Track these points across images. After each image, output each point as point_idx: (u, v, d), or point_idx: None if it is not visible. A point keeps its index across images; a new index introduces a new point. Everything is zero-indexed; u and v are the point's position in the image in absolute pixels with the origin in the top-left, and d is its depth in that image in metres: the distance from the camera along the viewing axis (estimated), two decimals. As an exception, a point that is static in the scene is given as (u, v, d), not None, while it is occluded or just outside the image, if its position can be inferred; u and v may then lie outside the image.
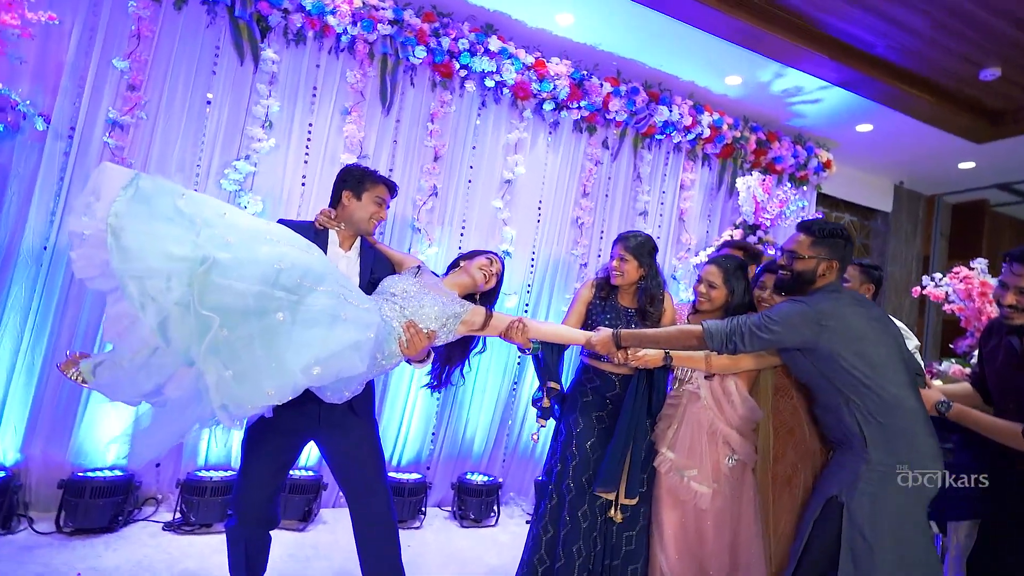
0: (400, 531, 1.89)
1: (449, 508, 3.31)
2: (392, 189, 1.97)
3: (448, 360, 1.97)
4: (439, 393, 3.35)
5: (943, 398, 1.81)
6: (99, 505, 2.49)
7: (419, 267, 1.92)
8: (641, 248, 2.23)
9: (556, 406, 2.24)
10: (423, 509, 3.11)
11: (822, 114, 3.96)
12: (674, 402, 2.12)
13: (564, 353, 2.25)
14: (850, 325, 1.71)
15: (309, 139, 3.11)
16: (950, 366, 2.43)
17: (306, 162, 3.10)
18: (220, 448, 2.92)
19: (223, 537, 1.90)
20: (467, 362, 1.99)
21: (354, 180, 1.90)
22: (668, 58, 3.50)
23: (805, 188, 4.31)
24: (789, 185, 3.89)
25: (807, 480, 2.04)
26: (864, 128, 4.10)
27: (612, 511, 2.07)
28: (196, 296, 1.33)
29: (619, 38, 3.36)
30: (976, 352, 2.48)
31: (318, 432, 1.82)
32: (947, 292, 2.67)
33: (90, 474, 2.58)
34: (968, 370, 2.36)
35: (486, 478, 3.31)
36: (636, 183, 3.85)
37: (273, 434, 1.76)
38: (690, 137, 3.86)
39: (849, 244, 1.83)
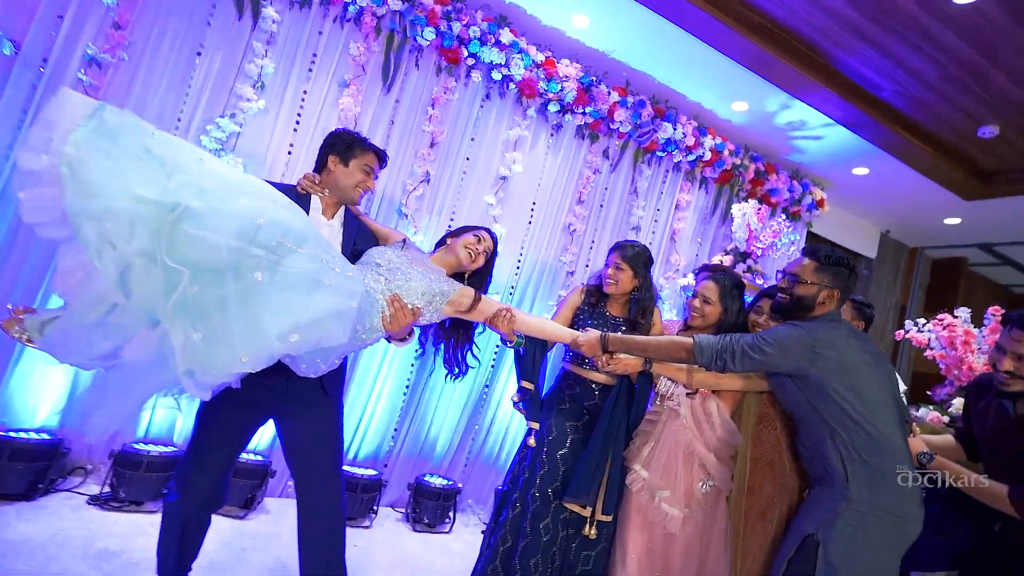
0: (348, 528, 1.75)
1: (403, 509, 3.15)
2: (382, 159, 1.87)
3: (455, 343, 1.87)
4: (405, 391, 3.21)
5: (926, 449, 1.77)
6: (18, 469, 2.26)
7: (404, 241, 1.82)
8: (638, 258, 2.17)
9: (528, 407, 2.13)
10: (375, 508, 2.95)
11: (821, 152, 3.97)
12: (653, 418, 2.03)
13: (548, 354, 2.15)
14: (845, 356, 1.66)
15: (302, 107, 2.96)
16: (928, 413, 2.40)
17: (295, 130, 2.95)
18: (167, 419, 2.72)
19: (153, 517, 1.74)
20: (475, 343, 1.89)
21: (342, 145, 1.80)
22: (678, 75, 3.46)
23: (796, 224, 4.31)
24: (783, 217, 3.88)
25: (782, 516, 1.96)
26: (860, 171, 4.13)
27: (587, 528, 1.96)
28: (164, 247, 1.20)
29: (632, 48, 3.30)
30: (953, 400, 2.48)
31: (282, 409, 1.69)
32: (930, 338, 2.66)
33: (12, 435, 2.35)
34: (946, 418, 2.34)
35: (445, 482, 3.16)
36: (632, 197, 3.79)
37: (233, 407, 1.61)
38: (691, 158, 3.82)
39: (853, 276, 1.79)
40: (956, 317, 2.60)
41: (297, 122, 2.95)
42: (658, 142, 3.70)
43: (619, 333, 2.11)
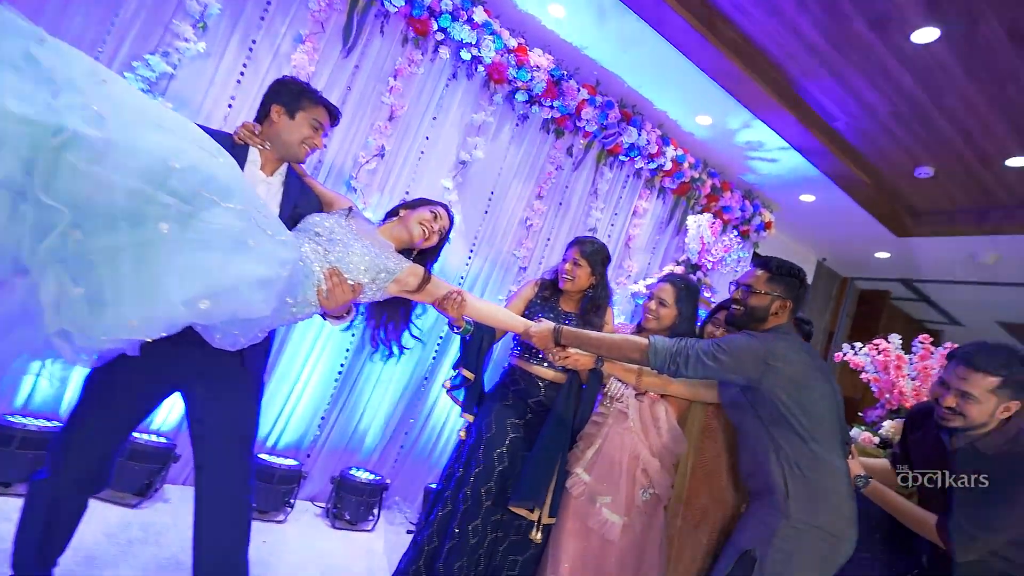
0: (257, 522, 1.56)
1: (323, 504, 2.92)
2: (334, 116, 1.70)
3: (390, 321, 1.71)
4: (338, 376, 2.99)
5: (863, 472, 1.78)
6: None
7: (351, 209, 1.65)
8: (596, 255, 2.12)
9: (465, 398, 2.01)
10: (292, 501, 2.71)
11: (773, 175, 4.09)
12: (599, 420, 1.96)
13: (494, 346, 2.03)
14: (795, 371, 1.64)
15: (249, 57, 2.69)
16: (860, 433, 2.48)
17: (239, 82, 2.67)
18: (51, 389, 2.37)
19: (20, 502, 1.47)
20: (412, 324, 1.74)
21: (289, 94, 1.62)
22: (648, 81, 3.44)
23: (745, 242, 4.42)
24: (735, 233, 3.96)
25: (715, 529, 1.95)
26: (807, 198, 4.29)
27: (534, 532, 1.85)
28: (40, 179, 0.98)
29: (605, 47, 3.25)
30: (883, 422, 2.57)
31: (192, 383, 1.49)
32: (865, 362, 2.76)
33: None
34: (876, 439, 2.41)
35: (372, 476, 2.97)
36: (592, 198, 3.74)
37: (131, 375, 1.39)
38: (652, 166, 3.82)
39: (803, 287, 1.79)
40: (889, 343, 2.71)
41: (242, 73, 2.68)
42: (622, 146, 3.67)
43: (572, 329, 2.03)
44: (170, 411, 2.59)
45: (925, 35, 2.61)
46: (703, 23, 2.87)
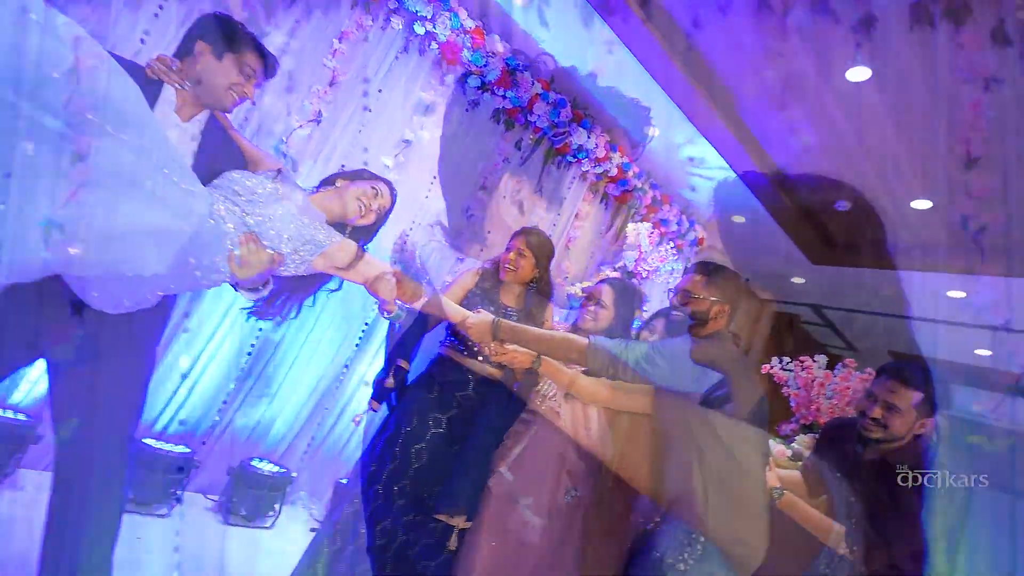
0: (133, 516, 1.34)
1: (216, 497, 2.64)
2: (270, 66, 1.52)
3: (291, 290, 1.52)
4: (248, 356, 2.72)
5: (779, 484, 1.82)
6: None
7: (279, 171, 1.48)
8: (542, 248, 2.06)
9: (384, 390, 1.87)
10: (179, 492, 2.41)
11: (710, 193, 4.24)
12: (529, 417, 1.88)
13: (425, 336, 1.90)
14: (730, 379, 1.64)
15: (173, -8, 2.38)
16: (774, 446, 2.57)
17: (157, 15, 2.36)
18: None
19: None
20: (313, 297, 1.56)
21: (218, 32, 1.42)
22: (602, 85, 3.44)
23: (679, 255, 4.55)
24: (671, 245, 4.06)
25: (631, 535, 1.93)
26: (738, 219, 4.48)
27: (451, 538, 1.73)
28: None
29: (566, 44, 3.21)
30: (796, 436, 2.70)
31: (59, 350, 1.26)
32: (788, 377, 2.89)
33: None
34: (789, 451, 2.51)
35: (276, 468, 2.72)
36: (537, 195, 3.68)
37: None
38: (598, 171, 3.83)
39: (740, 291, 1.81)
40: (815, 362, 2.86)
41: (161, 6, 2.37)
42: (571, 146, 3.64)
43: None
44: (35, 382, 2.23)
45: (858, 74, 2.77)
46: (662, 33, 2.89)
